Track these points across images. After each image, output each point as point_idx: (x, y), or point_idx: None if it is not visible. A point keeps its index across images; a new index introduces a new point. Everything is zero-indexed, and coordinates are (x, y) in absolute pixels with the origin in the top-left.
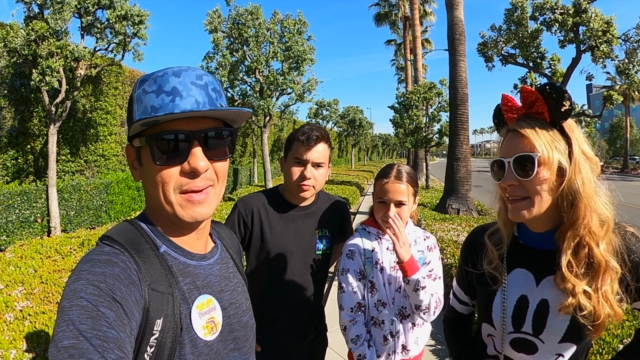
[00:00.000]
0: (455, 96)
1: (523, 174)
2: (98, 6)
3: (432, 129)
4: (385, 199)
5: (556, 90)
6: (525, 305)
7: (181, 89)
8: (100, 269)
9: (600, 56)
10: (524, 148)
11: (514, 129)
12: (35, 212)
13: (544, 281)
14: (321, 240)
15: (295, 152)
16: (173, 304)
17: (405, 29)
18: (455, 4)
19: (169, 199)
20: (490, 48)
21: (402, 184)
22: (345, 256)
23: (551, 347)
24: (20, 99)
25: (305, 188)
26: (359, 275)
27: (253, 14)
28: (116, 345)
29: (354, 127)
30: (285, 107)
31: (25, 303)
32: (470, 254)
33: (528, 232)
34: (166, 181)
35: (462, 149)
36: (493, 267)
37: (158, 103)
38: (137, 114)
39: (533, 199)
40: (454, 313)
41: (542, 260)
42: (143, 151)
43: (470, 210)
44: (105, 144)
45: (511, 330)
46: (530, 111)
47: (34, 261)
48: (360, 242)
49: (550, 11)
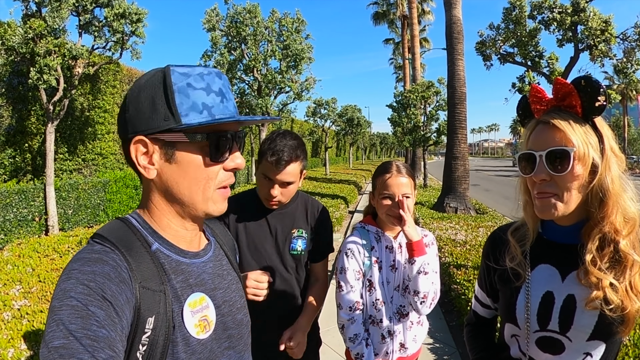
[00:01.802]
0: (454, 95)
1: (556, 168)
2: (96, 4)
3: (430, 127)
4: (390, 193)
5: (591, 84)
6: (551, 302)
7: (225, 92)
8: (90, 268)
9: (599, 55)
10: (558, 142)
11: (546, 121)
12: (33, 211)
13: (569, 276)
14: (296, 241)
15: (263, 169)
16: (165, 301)
17: (403, 27)
18: (453, 2)
19: (207, 194)
20: (488, 47)
21: (404, 177)
22: (344, 255)
23: (579, 345)
24: (18, 97)
25: (272, 204)
26: (358, 274)
27: (251, 12)
28: (107, 345)
29: (352, 125)
30: (284, 105)
31: (23, 302)
32: (493, 250)
33: (553, 226)
34: (212, 177)
35: (460, 147)
36: (516, 264)
37: (210, 102)
38: (182, 107)
39: (563, 195)
40: (476, 317)
41: (568, 255)
42: (181, 147)
43: (468, 209)
44: (103, 142)
45: (536, 328)
46: (561, 104)
47: (32, 260)
48: (359, 241)
49: (549, 10)
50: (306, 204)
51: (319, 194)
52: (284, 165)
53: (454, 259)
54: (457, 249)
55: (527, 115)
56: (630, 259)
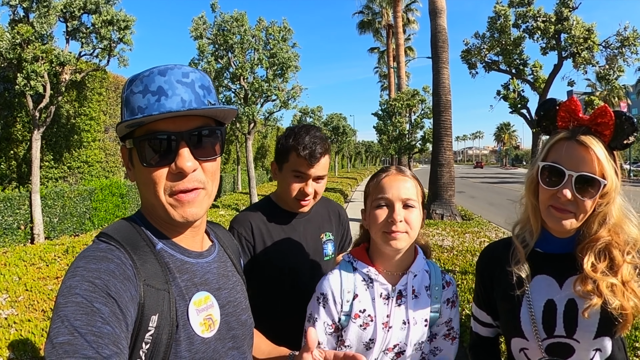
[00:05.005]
0: (439, 103)
1: (583, 193)
2: (84, 11)
3: (415, 135)
4: (386, 197)
5: (631, 122)
6: (553, 309)
7: (167, 88)
8: (95, 265)
9: (582, 62)
10: (592, 168)
11: (583, 143)
12: (19, 219)
13: (567, 282)
14: (327, 245)
15: (294, 165)
16: (169, 300)
17: (388, 36)
18: (438, 12)
19: (159, 199)
20: (474, 55)
21: (407, 178)
22: (315, 300)
23: (587, 344)
24: (4, 103)
25: (304, 203)
26: (330, 327)
27: (238, 20)
28: (111, 341)
29: (338, 134)
30: (270, 113)
31: (10, 311)
32: (488, 267)
33: (549, 238)
34: (156, 182)
35: (445, 155)
36: (520, 266)
37: (144, 103)
38: (125, 115)
39: (579, 216)
40: (479, 338)
41: (563, 263)
42: (134, 152)
43: (454, 216)
44: (89, 150)
45: (544, 336)
46: (592, 126)
47: (18, 268)
48: (338, 284)
49: (533, 19)
50: (326, 204)
51: None
52: (318, 158)
53: (441, 264)
54: (444, 254)
55: (548, 119)
56: (621, 260)
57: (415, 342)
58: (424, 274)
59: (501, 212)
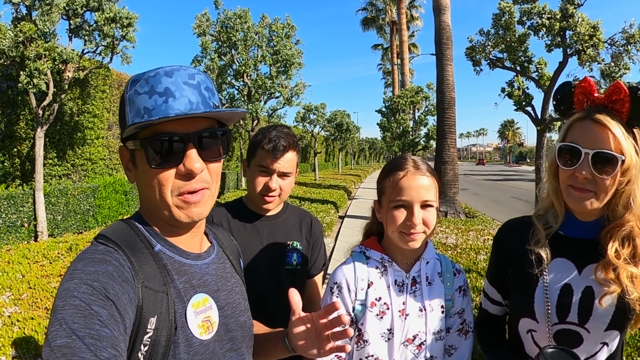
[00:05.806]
0: (443, 100)
1: (601, 171)
2: (87, 8)
3: (418, 132)
4: (405, 199)
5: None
6: (570, 294)
7: (174, 90)
8: (93, 268)
9: (587, 60)
10: (609, 145)
11: (598, 120)
12: (22, 217)
13: (586, 269)
14: (292, 254)
15: (259, 160)
16: (167, 302)
17: (392, 33)
18: (442, 8)
19: (165, 201)
20: (478, 52)
21: (425, 176)
22: (328, 290)
23: (597, 336)
24: (7, 101)
25: (269, 200)
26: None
27: (241, 17)
28: (109, 344)
29: (341, 131)
30: (273, 111)
31: (13, 309)
32: (507, 242)
33: (574, 221)
34: (163, 184)
35: (449, 152)
36: (540, 246)
37: (151, 104)
38: (129, 116)
39: (599, 195)
40: (487, 316)
41: (584, 249)
42: (137, 154)
43: (458, 213)
44: (92, 147)
45: (555, 321)
46: (610, 104)
47: (22, 266)
48: (352, 273)
49: (538, 16)
50: (298, 214)
51: (308, 199)
52: (282, 152)
53: None
54: (448, 252)
55: (565, 103)
56: None
57: (434, 331)
58: (436, 262)
59: (505, 210)
